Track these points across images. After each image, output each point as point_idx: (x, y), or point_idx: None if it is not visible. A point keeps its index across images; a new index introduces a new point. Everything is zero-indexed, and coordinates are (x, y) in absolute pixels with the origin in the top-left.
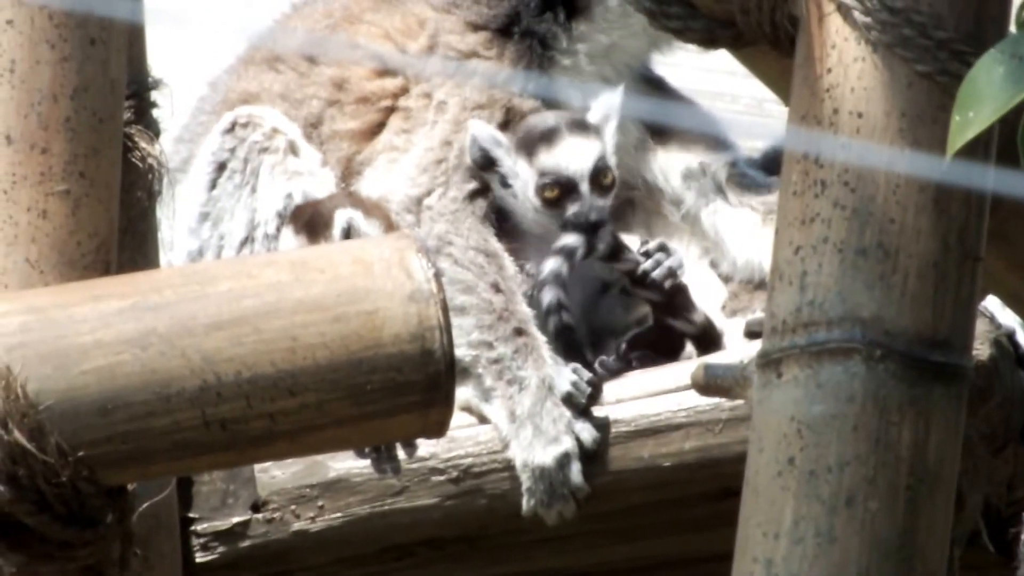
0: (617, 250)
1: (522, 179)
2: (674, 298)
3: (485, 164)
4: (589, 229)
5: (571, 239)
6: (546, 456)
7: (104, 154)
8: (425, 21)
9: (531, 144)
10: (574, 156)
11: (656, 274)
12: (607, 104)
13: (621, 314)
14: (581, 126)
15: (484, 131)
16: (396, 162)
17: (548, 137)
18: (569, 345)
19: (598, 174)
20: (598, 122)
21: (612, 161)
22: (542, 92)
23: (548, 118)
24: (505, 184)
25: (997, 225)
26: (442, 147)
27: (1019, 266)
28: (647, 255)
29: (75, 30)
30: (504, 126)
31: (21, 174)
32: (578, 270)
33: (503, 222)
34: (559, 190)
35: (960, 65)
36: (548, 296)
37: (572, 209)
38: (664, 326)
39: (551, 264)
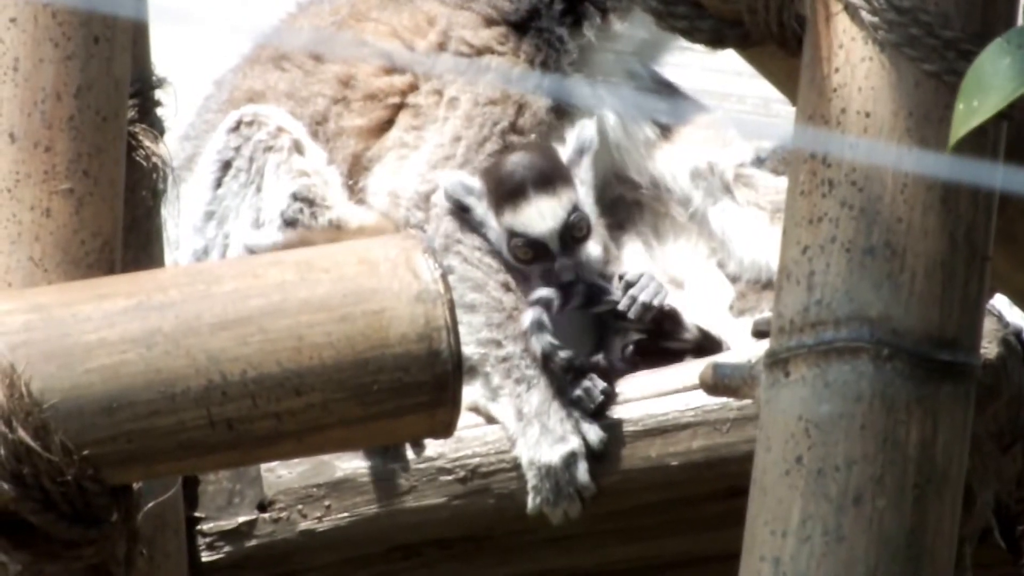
0: (594, 295)
1: (495, 232)
2: (661, 325)
3: (459, 211)
4: (563, 286)
5: (545, 292)
6: (552, 455)
7: (108, 153)
8: (435, 18)
9: (500, 200)
10: (541, 218)
11: (632, 313)
12: (582, 137)
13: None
14: (547, 181)
15: (454, 180)
16: (406, 159)
17: (515, 196)
18: (575, 377)
19: (569, 231)
20: (571, 158)
21: (587, 205)
22: (555, 90)
23: (515, 171)
24: (481, 229)
25: (1005, 224)
26: (452, 143)
27: None
28: (623, 290)
29: (79, 28)
30: (515, 123)
31: (25, 172)
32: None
33: None
34: (531, 252)
35: (967, 64)
36: (539, 344)
37: (544, 268)
38: (658, 348)
39: (531, 315)
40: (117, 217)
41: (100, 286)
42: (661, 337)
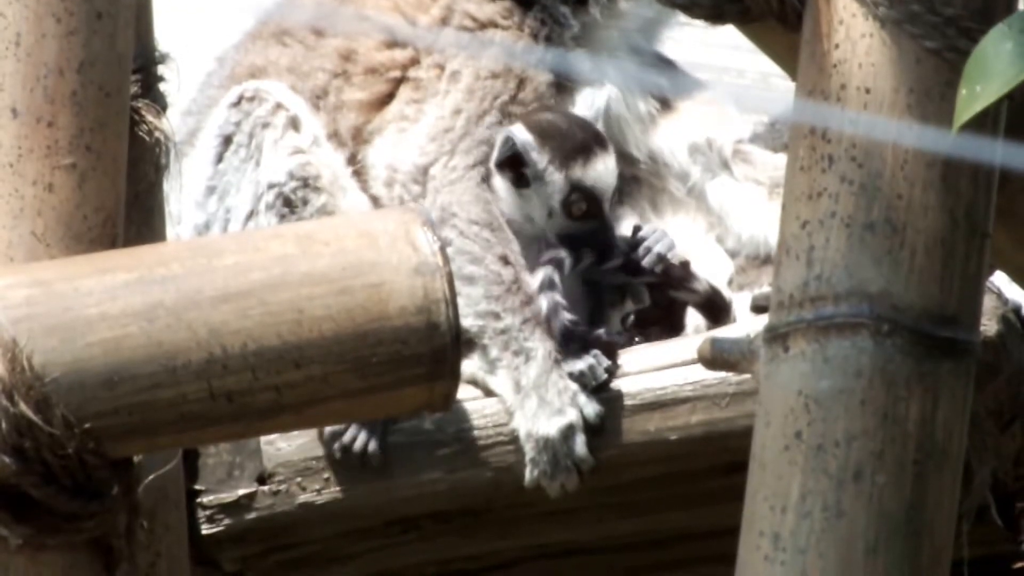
0: (604, 255)
1: (550, 186)
2: (671, 274)
3: (509, 162)
4: (601, 247)
5: (558, 252)
6: (550, 427)
7: (111, 128)
8: None
9: (568, 154)
10: (607, 173)
11: (646, 262)
12: (596, 105)
13: (614, 289)
14: (604, 141)
15: (524, 134)
16: (406, 132)
17: (584, 151)
18: (577, 342)
19: (615, 192)
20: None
21: None
22: (557, 64)
23: (576, 127)
24: (523, 184)
25: (1005, 201)
26: (452, 116)
27: None
28: (634, 246)
29: (82, 3)
30: (515, 97)
31: (27, 147)
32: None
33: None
34: (586, 206)
35: (968, 42)
36: (545, 302)
37: (592, 226)
38: (666, 302)
39: (543, 273)
40: (119, 192)
41: (102, 260)
42: (671, 287)
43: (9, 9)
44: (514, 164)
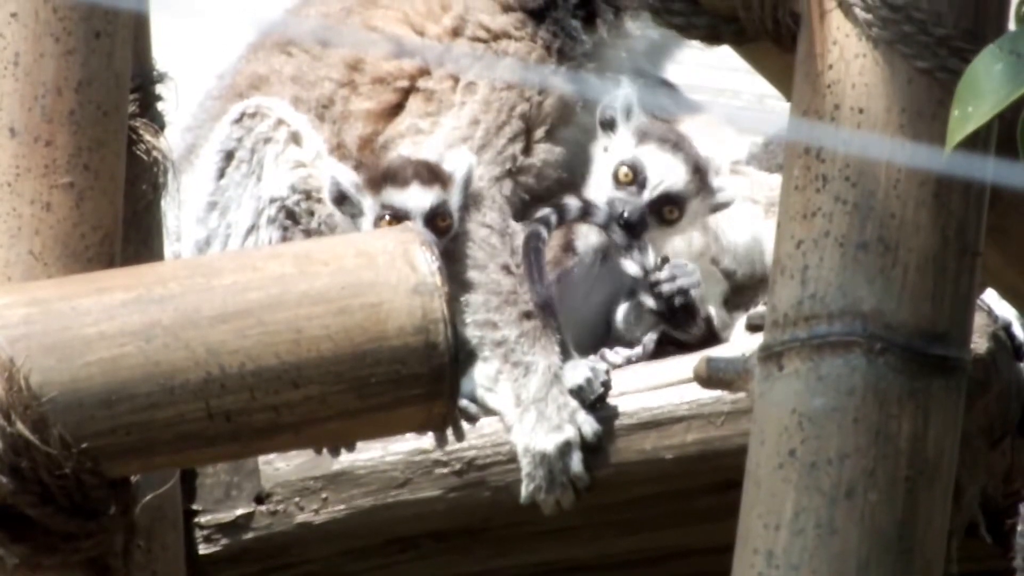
0: (628, 246)
1: (616, 148)
2: (677, 313)
3: (608, 124)
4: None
5: (545, 210)
6: (548, 443)
7: (108, 147)
8: (450, 3)
9: (647, 135)
10: (670, 168)
11: (665, 288)
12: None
13: (633, 324)
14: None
15: (628, 93)
16: (420, 144)
17: (663, 139)
18: (551, 308)
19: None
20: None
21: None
22: (567, 78)
23: (671, 126)
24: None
25: (996, 219)
26: (470, 126)
27: (1017, 260)
28: (668, 269)
29: (80, 23)
30: (531, 108)
31: (25, 166)
32: (602, 273)
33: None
34: (632, 175)
35: (959, 62)
36: (531, 257)
37: (622, 200)
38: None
39: (530, 228)
40: (117, 211)
41: (100, 280)
42: (671, 323)
43: (8, 29)
44: (612, 125)
